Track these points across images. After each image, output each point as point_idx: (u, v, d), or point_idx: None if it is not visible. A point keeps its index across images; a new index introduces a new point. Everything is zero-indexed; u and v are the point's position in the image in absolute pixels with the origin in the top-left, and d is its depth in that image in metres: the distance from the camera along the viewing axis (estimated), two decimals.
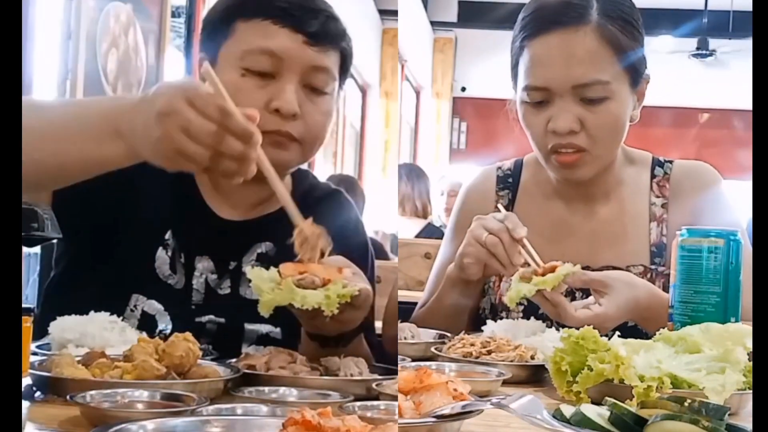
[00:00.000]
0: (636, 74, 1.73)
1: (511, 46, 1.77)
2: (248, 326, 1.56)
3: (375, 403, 1.04)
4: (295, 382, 1.18)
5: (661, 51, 9.79)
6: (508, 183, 1.94)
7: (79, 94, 3.53)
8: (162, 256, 1.55)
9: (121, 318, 1.39)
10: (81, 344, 1.27)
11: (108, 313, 1.37)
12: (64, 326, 1.30)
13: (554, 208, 1.87)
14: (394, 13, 8.82)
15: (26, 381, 1.11)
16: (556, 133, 1.69)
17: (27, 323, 1.08)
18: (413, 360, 1.38)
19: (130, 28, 3.99)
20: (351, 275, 1.30)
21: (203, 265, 1.57)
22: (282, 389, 1.14)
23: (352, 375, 1.24)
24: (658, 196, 1.85)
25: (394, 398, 1.03)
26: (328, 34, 1.54)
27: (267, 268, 1.51)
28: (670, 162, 1.90)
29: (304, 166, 1.73)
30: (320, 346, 1.37)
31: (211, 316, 1.55)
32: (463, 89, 11.13)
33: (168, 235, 1.56)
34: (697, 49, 10.46)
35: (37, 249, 3.16)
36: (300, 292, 1.24)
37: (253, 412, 0.98)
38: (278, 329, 1.57)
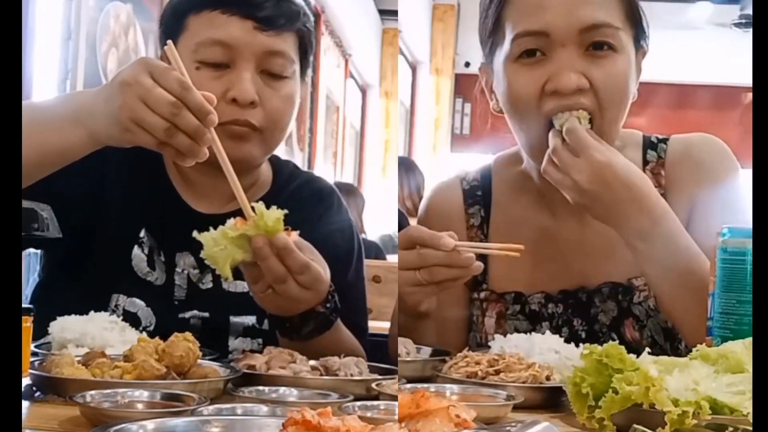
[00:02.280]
0: (641, 34, 1.49)
1: (488, 5, 1.50)
2: (233, 319, 1.56)
3: (375, 403, 1.04)
4: (295, 382, 1.18)
5: (699, 20, 8.47)
6: (478, 196, 1.65)
7: None
8: (138, 254, 1.56)
9: None
10: (81, 344, 1.27)
11: (108, 313, 1.37)
12: (64, 326, 1.30)
13: (537, 217, 1.59)
14: (394, 13, 8.79)
15: (26, 381, 1.11)
16: (558, 93, 1.41)
17: (27, 323, 1.09)
18: (409, 381, 1.22)
19: (130, 28, 3.99)
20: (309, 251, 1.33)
21: (185, 261, 1.56)
22: (282, 389, 1.14)
23: (352, 375, 1.24)
24: (654, 186, 1.49)
25: (394, 398, 1.03)
26: (280, 16, 1.53)
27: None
28: (665, 141, 1.59)
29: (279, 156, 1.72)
30: (289, 340, 1.39)
31: (195, 311, 1.55)
32: (467, 65, 9.32)
33: (143, 233, 1.57)
34: (741, 18, 8.63)
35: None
36: (227, 253, 1.27)
37: (253, 412, 0.98)
38: (265, 318, 1.56)
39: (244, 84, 1.49)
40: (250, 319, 1.57)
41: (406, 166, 5.68)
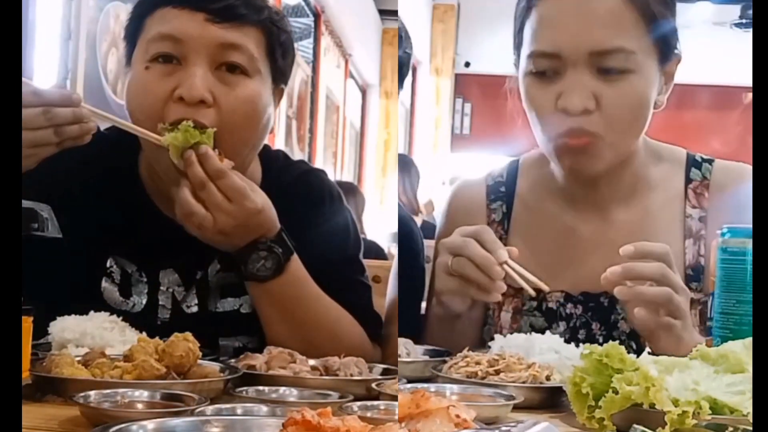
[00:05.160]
0: (666, 49, 1.48)
1: (516, 7, 1.51)
2: (222, 341, 1.50)
3: (375, 403, 1.03)
4: (295, 382, 1.18)
5: (699, 20, 8.42)
6: (501, 193, 1.66)
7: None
8: (108, 288, 1.49)
9: None
10: (81, 344, 1.27)
11: (108, 313, 1.36)
12: (64, 326, 1.29)
13: (560, 216, 1.59)
14: (394, 13, 8.78)
15: (26, 381, 1.10)
16: (566, 112, 1.42)
17: (27, 323, 1.08)
18: (409, 381, 1.21)
19: None
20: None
21: (169, 279, 1.51)
22: (282, 389, 1.14)
23: (352, 375, 1.24)
24: (695, 207, 1.55)
25: (394, 398, 1.03)
26: (236, 8, 1.42)
27: (234, 276, 1.49)
28: (710, 162, 1.59)
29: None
30: (250, 281, 1.43)
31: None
32: (467, 65, 9.66)
33: (110, 263, 1.50)
34: (741, 18, 8.89)
35: None
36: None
37: (253, 412, 0.98)
38: (255, 338, 1.51)
39: (191, 80, 1.38)
40: (240, 340, 1.52)
41: (402, 163, 5.66)
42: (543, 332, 1.49)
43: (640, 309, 1.31)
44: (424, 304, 1.73)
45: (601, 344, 1.48)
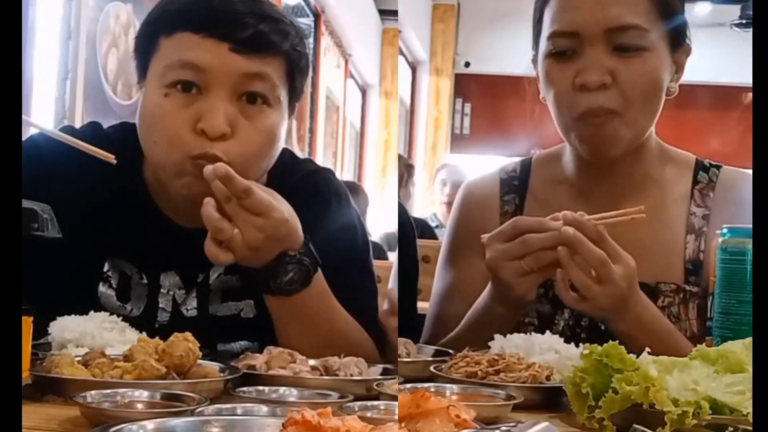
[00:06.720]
0: (677, 36, 1.55)
1: (535, 1, 1.59)
2: (221, 347, 1.48)
3: (375, 403, 1.03)
4: (295, 382, 1.17)
5: (699, 20, 8.51)
6: (514, 186, 1.71)
7: (79, 93, 3.53)
8: (105, 292, 1.48)
9: None
10: (81, 344, 1.27)
11: (108, 313, 1.36)
12: (64, 326, 1.29)
13: (570, 209, 1.60)
14: (394, 13, 8.78)
15: (26, 381, 1.10)
16: (585, 87, 1.48)
17: (27, 323, 1.08)
18: (409, 381, 1.20)
19: (130, 28, 3.99)
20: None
21: (170, 281, 1.49)
22: (282, 389, 1.14)
23: (352, 375, 1.24)
24: (699, 206, 1.62)
25: (394, 398, 1.03)
26: (263, 37, 1.39)
27: (236, 279, 1.48)
28: (717, 168, 1.67)
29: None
30: (273, 296, 1.38)
31: None
32: (467, 65, 9.59)
33: (107, 267, 1.48)
34: (740, 18, 8.94)
35: None
36: None
37: (253, 412, 0.98)
38: (255, 344, 1.49)
39: (214, 114, 1.36)
40: (239, 345, 1.50)
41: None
42: (549, 319, 1.54)
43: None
44: (425, 304, 1.73)
45: (603, 332, 1.51)
